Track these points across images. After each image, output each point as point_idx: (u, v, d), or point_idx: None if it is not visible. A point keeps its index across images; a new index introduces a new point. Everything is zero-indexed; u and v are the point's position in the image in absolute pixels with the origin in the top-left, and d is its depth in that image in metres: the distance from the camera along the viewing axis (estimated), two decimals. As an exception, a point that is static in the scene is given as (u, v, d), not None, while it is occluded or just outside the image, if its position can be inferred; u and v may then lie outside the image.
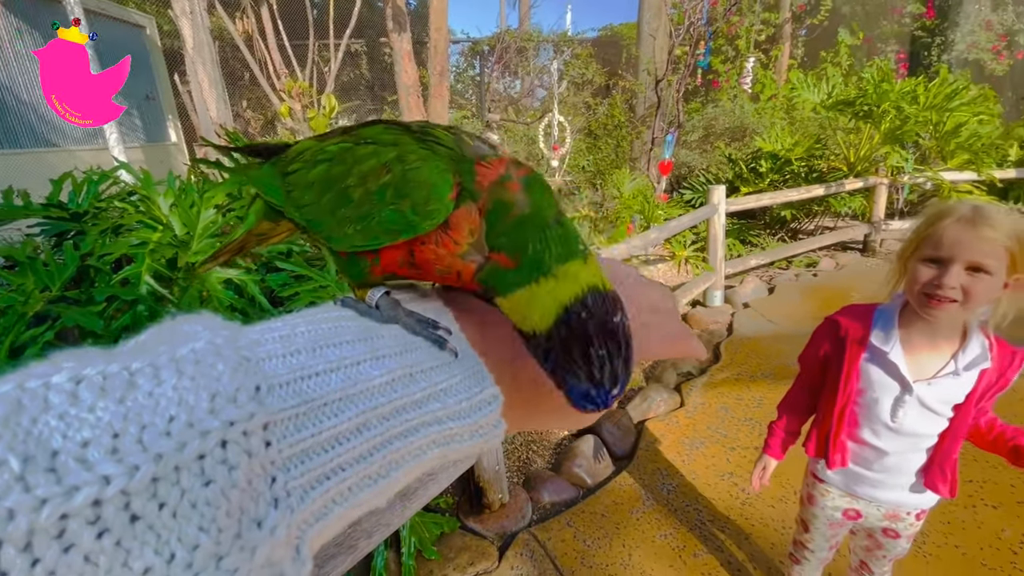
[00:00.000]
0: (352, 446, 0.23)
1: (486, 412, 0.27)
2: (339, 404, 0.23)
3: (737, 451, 2.45)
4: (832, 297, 4.49)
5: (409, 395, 0.25)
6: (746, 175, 5.78)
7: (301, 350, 0.23)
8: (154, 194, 1.90)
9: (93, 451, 0.16)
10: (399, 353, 0.26)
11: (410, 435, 0.25)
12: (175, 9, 3.34)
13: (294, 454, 0.21)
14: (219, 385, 0.19)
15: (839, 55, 8.37)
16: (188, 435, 0.17)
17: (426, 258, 0.30)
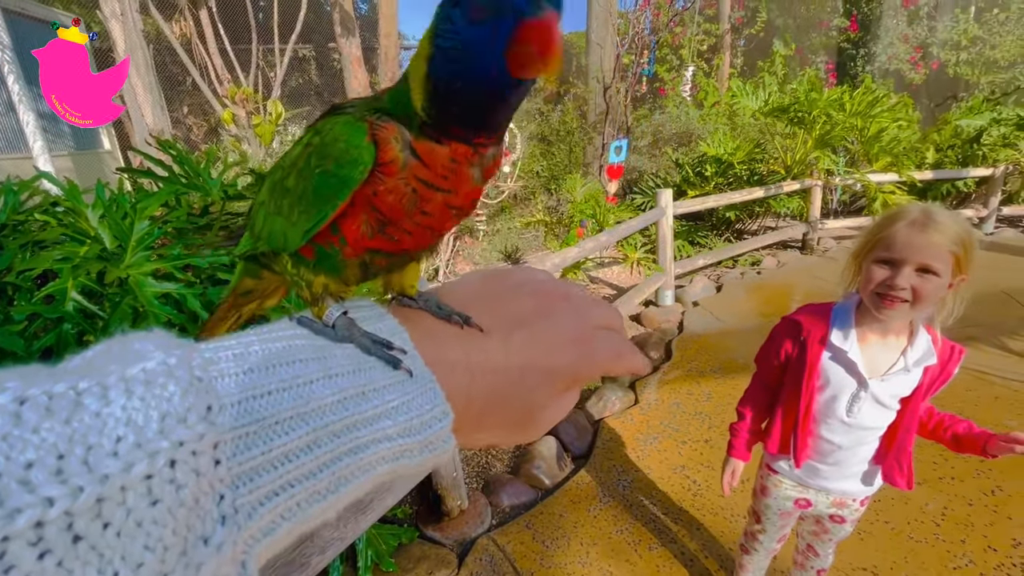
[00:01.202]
0: (301, 463, 0.23)
1: (436, 428, 0.28)
2: (290, 422, 0.23)
3: (688, 444, 2.54)
4: (775, 293, 4.73)
5: (360, 413, 0.26)
6: (692, 179, 6.01)
7: (254, 369, 0.24)
8: (81, 205, 1.80)
9: (36, 472, 0.16)
10: (352, 372, 0.27)
11: (360, 451, 0.25)
12: (104, 11, 3.17)
13: (243, 472, 0.21)
14: (169, 406, 0.19)
15: (774, 64, 8.86)
16: (135, 455, 0.18)
17: (391, 201, 0.30)
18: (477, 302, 0.33)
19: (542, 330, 0.32)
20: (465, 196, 0.32)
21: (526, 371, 0.31)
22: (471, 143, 0.30)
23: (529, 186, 6.69)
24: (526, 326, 0.32)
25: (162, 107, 3.72)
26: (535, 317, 0.32)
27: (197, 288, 1.86)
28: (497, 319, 0.32)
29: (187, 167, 2.28)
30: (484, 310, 0.33)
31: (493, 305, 0.33)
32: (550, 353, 0.31)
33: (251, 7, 4.84)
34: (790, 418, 1.30)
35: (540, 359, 0.31)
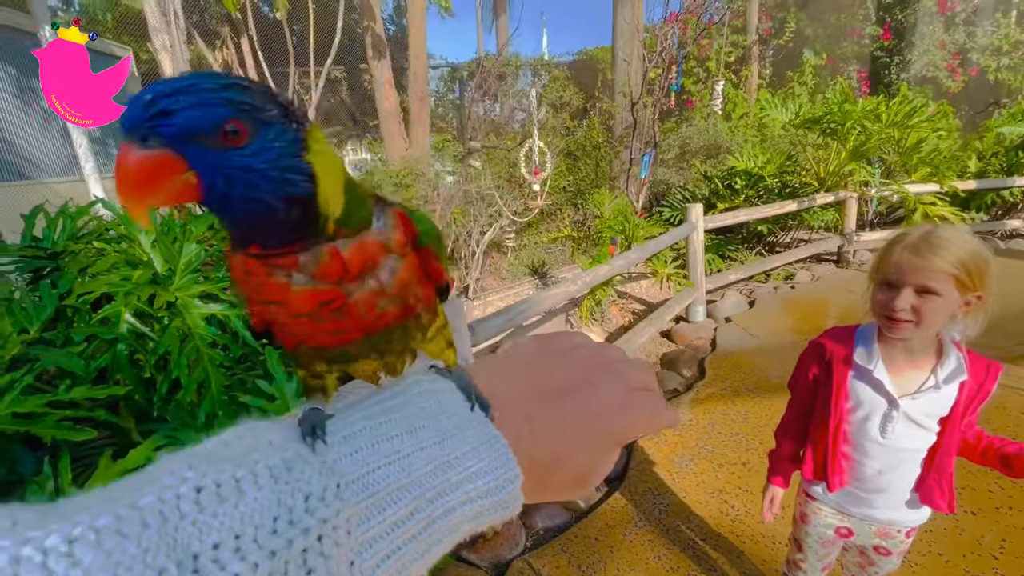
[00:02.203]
0: (406, 528, 0.27)
1: (510, 489, 0.31)
2: (396, 494, 0.27)
3: (725, 467, 2.48)
4: (810, 308, 4.60)
5: (448, 480, 0.29)
6: (722, 192, 5.93)
7: (362, 448, 0.28)
8: (135, 232, 1.89)
9: (223, 552, 0.20)
10: (437, 443, 0.30)
11: (449, 514, 0.29)
12: (155, 43, 3.36)
13: (365, 540, 0.25)
14: (309, 488, 0.24)
15: (804, 75, 8.72)
16: (292, 533, 0.22)
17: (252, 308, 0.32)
18: (533, 372, 0.36)
19: (591, 397, 0.35)
20: (304, 303, 0.29)
21: (580, 436, 0.34)
22: (251, 255, 0.29)
23: (556, 201, 6.71)
24: (577, 393, 0.35)
25: (205, 131, 3.88)
26: (584, 385, 0.35)
27: (239, 310, 1.92)
28: (551, 386, 0.35)
29: (231, 191, 2.37)
30: (538, 379, 0.36)
31: (545, 373, 0.36)
32: (600, 419, 0.34)
33: (288, 31, 5.04)
34: (821, 442, 1.28)
35: (592, 425, 0.34)
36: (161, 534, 0.20)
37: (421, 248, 0.34)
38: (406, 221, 0.34)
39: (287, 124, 0.27)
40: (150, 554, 0.19)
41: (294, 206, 0.27)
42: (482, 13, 11.47)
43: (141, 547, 0.19)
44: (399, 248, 0.33)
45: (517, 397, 0.34)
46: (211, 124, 0.25)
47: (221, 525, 0.21)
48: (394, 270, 0.32)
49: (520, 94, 7.78)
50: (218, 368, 1.71)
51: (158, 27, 3.39)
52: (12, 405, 1.42)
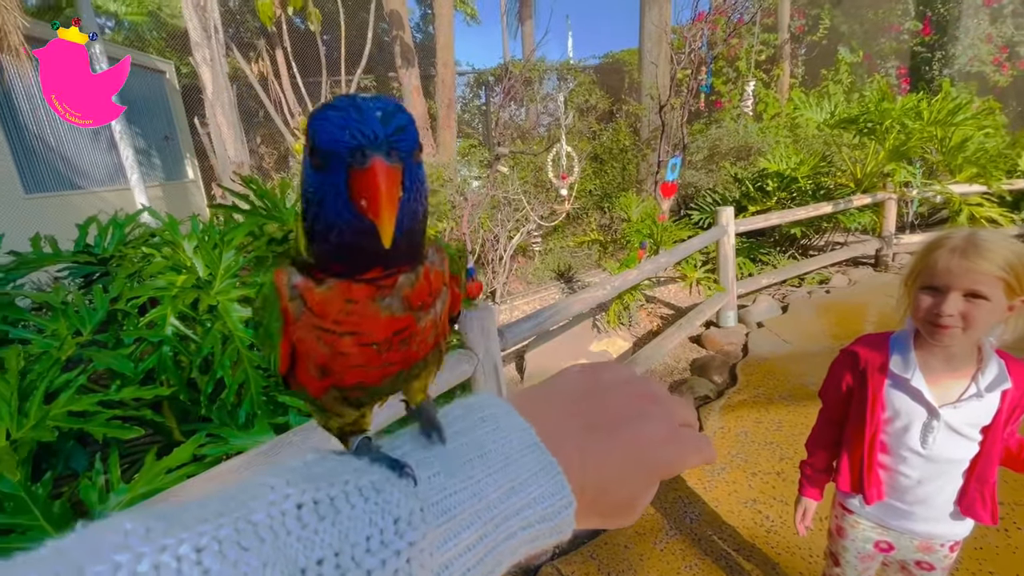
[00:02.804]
0: (476, 552, 0.28)
1: (564, 515, 0.32)
2: (469, 518, 0.28)
3: (759, 476, 2.42)
4: (847, 313, 4.46)
5: (512, 505, 0.30)
6: (753, 194, 5.81)
7: (440, 472, 0.29)
8: (179, 238, 1.97)
9: (326, 568, 0.22)
10: (503, 468, 0.31)
11: (511, 538, 0.30)
12: (196, 57, 3.50)
13: (442, 562, 0.27)
14: (398, 510, 0.25)
15: (839, 72, 8.46)
16: (385, 554, 0.23)
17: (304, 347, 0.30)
18: (582, 402, 0.37)
19: (640, 430, 0.36)
20: (384, 330, 0.29)
21: (629, 467, 0.34)
22: (363, 280, 0.28)
23: (582, 205, 6.68)
24: (626, 426, 0.36)
25: (242, 141, 4.05)
26: (633, 418, 0.36)
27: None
28: (600, 418, 0.36)
29: (266, 199, 2.45)
30: (588, 410, 0.36)
31: (595, 405, 0.37)
32: (648, 451, 0.35)
33: (320, 42, 5.19)
34: (857, 452, 1.24)
35: (640, 457, 0.35)
36: (275, 548, 0.21)
37: (454, 276, 0.35)
38: (441, 251, 0.34)
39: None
40: (268, 568, 0.21)
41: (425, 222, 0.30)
42: (507, 19, 11.55)
43: (261, 560, 0.21)
44: (446, 278, 0.34)
45: (568, 427, 0.35)
46: (417, 140, 0.27)
47: (322, 542, 0.22)
48: (444, 300, 0.33)
49: (546, 98, 7.79)
50: (256, 370, 1.77)
51: (199, 42, 3.53)
52: (68, 404, 1.49)
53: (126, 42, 8.75)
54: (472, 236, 4.80)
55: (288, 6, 4.21)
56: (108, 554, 0.19)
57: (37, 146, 5.42)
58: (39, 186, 5.43)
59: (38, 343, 1.63)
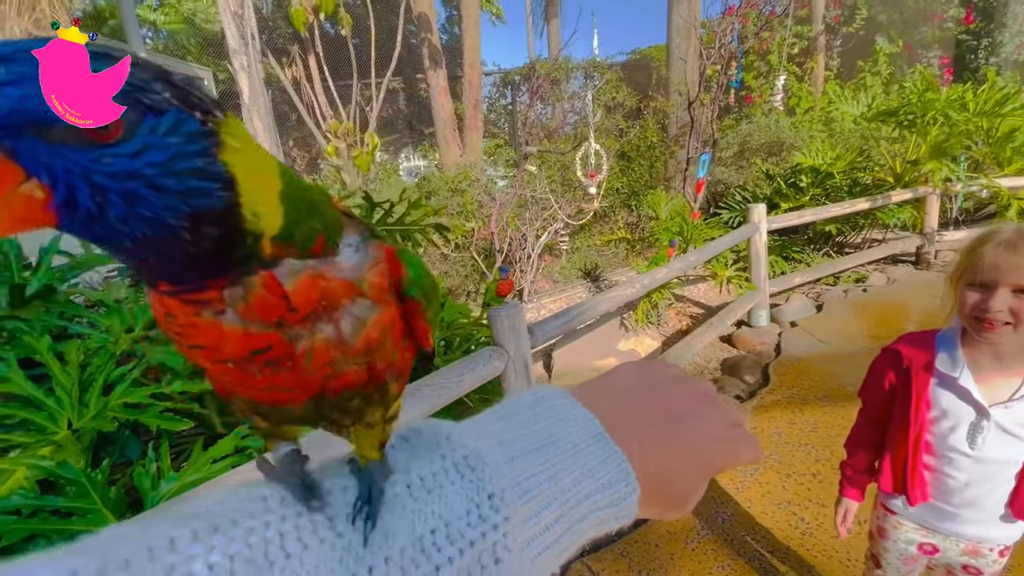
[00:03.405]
0: (553, 532, 0.30)
1: (629, 501, 0.33)
2: (546, 499, 0.30)
3: (793, 478, 2.38)
4: (885, 313, 4.32)
5: (584, 489, 0.31)
6: (785, 191, 5.67)
7: (517, 456, 0.31)
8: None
9: (439, 537, 0.24)
10: (573, 455, 0.32)
11: (583, 520, 0.31)
12: (234, 65, 3.63)
13: (527, 538, 0.28)
14: (491, 487, 0.27)
15: (877, 64, 8.17)
16: (484, 527, 0.26)
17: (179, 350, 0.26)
18: (640, 396, 0.38)
19: (698, 426, 0.37)
20: (234, 348, 0.24)
21: (686, 460, 0.36)
22: (168, 292, 0.23)
23: (609, 203, 6.64)
24: (685, 421, 0.37)
25: (277, 144, 4.18)
26: (691, 414, 0.37)
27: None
28: (658, 412, 0.37)
29: (304, 200, 2.53)
30: (646, 404, 0.37)
31: (652, 399, 0.38)
32: (705, 446, 0.36)
33: (351, 47, 5.30)
34: (901, 453, 1.21)
35: (697, 451, 0.36)
36: (401, 518, 0.24)
37: (408, 300, 0.29)
38: (393, 259, 0.28)
39: (187, 112, 0.20)
40: (390, 537, 0.24)
41: (204, 224, 0.21)
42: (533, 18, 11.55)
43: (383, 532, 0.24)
44: (375, 292, 0.27)
45: (627, 420, 0.36)
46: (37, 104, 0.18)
47: (432, 513, 0.25)
48: (362, 320, 0.26)
49: (573, 96, 7.77)
50: (296, 365, 1.83)
51: (237, 49, 3.66)
52: (123, 396, 1.58)
53: (166, 51, 9.10)
54: (500, 235, 4.83)
55: (320, 12, 4.33)
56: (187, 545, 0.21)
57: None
58: (88, 190, 5.69)
59: (95, 338, 1.73)
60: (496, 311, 1.89)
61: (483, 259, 5.11)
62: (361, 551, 0.23)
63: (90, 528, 1.36)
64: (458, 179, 5.32)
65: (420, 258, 0.31)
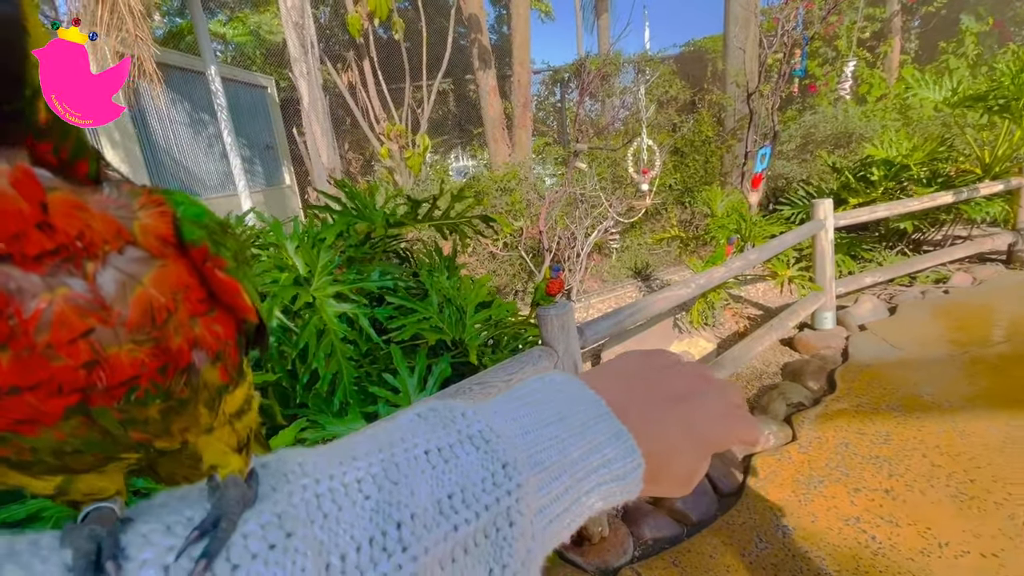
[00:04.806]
0: (562, 502, 0.32)
1: (634, 476, 0.35)
2: (556, 470, 0.31)
3: (863, 493, 2.21)
4: (970, 317, 3.95)
5: (591, 463, 0.33)
6: (854, 185, 5.30)
7: (530, 430, 0.33)
8: (282, 239, 2.15)
9: (455, 501, 0.26)
10: (581, 432, 0.34)
11: (590, 493, 0.33)
12: (294, 72, 3.80)
13: (538, 506, 0.30)
14: (505, 456, 0.29)
15: (963, 45, 7.48)
16: (499, 492, 0.28)
17: None
18: (643, 380, 0.40)
19: (699, 406, 0.39)
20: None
21: (687, 439, 0.37)
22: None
23: (661, 200, 6.46)
24: (685, 401, 0.39)
25: (334, 147, 4.36)
26: (691, 394, 0.39)
27: (366, 309, 2.10)
28: (661, 394, 0.39)
29: (357, 200, 2.61)
30: (649, 387, 0.39)
31: (655, 382, 0.40)
32: (705, 425, 0.38)
33: (404, 51, 5.44)
34: None
35: (698, 430, 0.38)
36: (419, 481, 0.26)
37: (189, 246, 0.22)
38: (159, 202, 0.22)
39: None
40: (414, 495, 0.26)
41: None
42: (583, 14, 11.41)
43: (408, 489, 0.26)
44: (153, 240, 0.20)
45: (631, 401, 0.38)
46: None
47: (450, 480, 0.27)
48: (135, 277, 0.19)
49: (624, 92, 7.62)
50: (348, 361, 1.89)
51: (297, 57, 3.83)
52: (192, 387, 1.68)
53: (233, 61, 9.67)
54: (549, 234, 4.80)
55: (375, 18, 4.46)
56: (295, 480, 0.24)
57: (165, 159, 6.15)
58: (165, 194, 6.15)
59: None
60: (545, 310, 1.87)
61: (531, 258, 5.09)
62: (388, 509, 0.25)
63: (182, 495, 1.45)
64: (507, 178, 5.33)
65: (201, 203, 0.25)
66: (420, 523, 0.25)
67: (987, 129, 5.16)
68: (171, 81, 5.79)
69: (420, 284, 2.39)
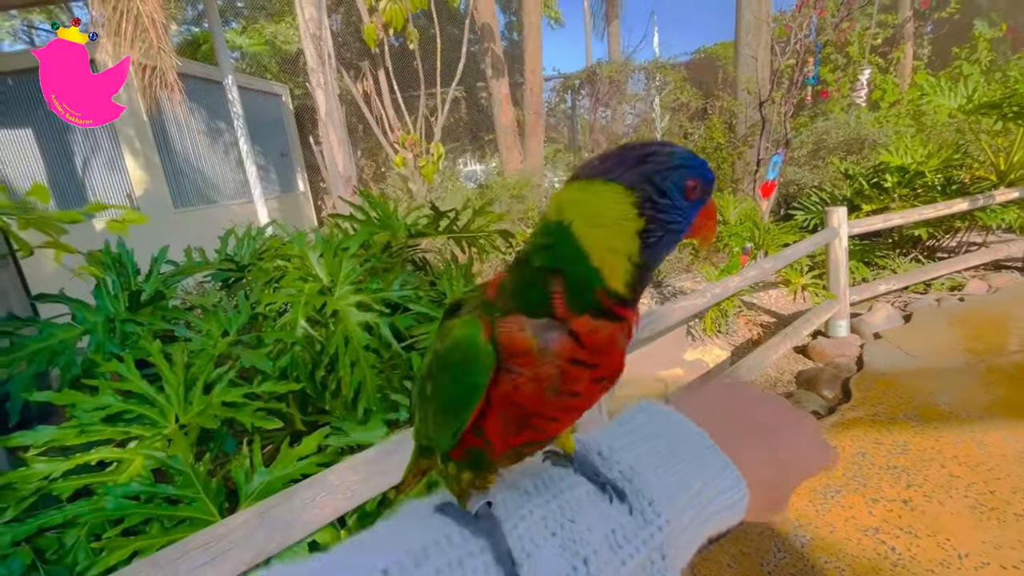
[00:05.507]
0: (687, 534, 0.35)
1: (742, 504, 0.38)
2: (683, 503, 0.34)
3: (881, 503, 2.21)
4: (986, 324, 3.92)
5: (707, 494, 0.36)
6: (868, 191, 5.29)
7: (659, 467, 0.36)
8: (305, 250, 2.20)
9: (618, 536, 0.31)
10: (695, 465, 0.37)
11: (706, 523, 0.36)
12: (311, 82, 3.87)
13: (671, 537, 0.33)
14: (650, 493, 0.33)
15: (976, 51, 7.43)
16: (651, 528, 0.32)
17: (531, 391, 0.29)
18: (733, 411, 0.43)
19: (787, 438, 0.42)
20: (611, 366, 0.30)
21: (781, 469, 0.40)
22: (623, 317, 0.29)
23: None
24: (775, 434, 0.41)
25: (350, 156, 4.43)
26: (778, 427, 0.42)
27: (387, 318, 2.14)
28: (749, 425, 0.42)
29: (379, 210, 2.65)
30: (741, 417, 0.42)
31: (741, 414, 0.43)
32: (795, 456, 0.41)
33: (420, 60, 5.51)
34: None
35: (790, 459, 0.41)
36: (592, 518, 0.30)
37: None
38: None
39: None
40: (592, 532, 0.30)
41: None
42: (593, 20, 11.46)
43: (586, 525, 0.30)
44: None
45: (728, 434, 0.40)
46: None
47: (609, 517, 0.31)
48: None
49: (635, 98, 7.63)
50: (372, 369, 1.92)
51: (315, 68, 3.90)
52: (221, 395, 1.72)
53: (248, 70, 9.83)
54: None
55: (390, 28, 4.54)
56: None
57: (183, 167, 6.26)
58: (184, 202, 6.26)
59: (197, 341, 1.90)
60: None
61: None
62: (573, 547, 0.29)
63: (195, 515, 1.49)
64: (519, 186, 5.37)
65: None
66: (601, 559, 0.29)
67: (1002, 135, 5.13)
68: (189, 90, 5.90)
69: (438, 292, 2.43)
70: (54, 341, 1.85)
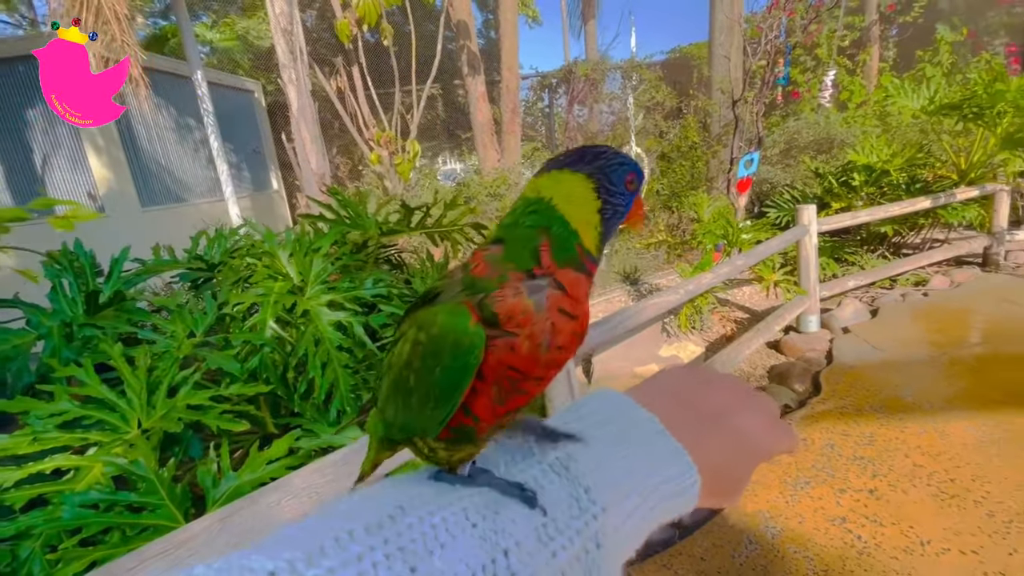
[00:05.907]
0: (632, 521, 0.34)
1: (692, 491, 0.37)
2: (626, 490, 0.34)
3: (848, 493, 2.27)
4: (950, 319, 4.06)
5: (654, 481, 0.35)
6: (837, 190, 5.43)
7: (599, 451, 0.35)
8: (275, 249, 2.15)
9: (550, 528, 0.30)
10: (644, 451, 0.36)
11: (655, 510, 0.35)
12: (283, 78, 3.79)
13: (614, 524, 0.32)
14: (586, 479, 0.32)
15: (938, 54, 7.69)
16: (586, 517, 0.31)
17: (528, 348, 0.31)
18: (687, 395, 0.42)
19: (743, 421, 0.40)
20: (584, 316, 0.34)
21: (735, 453, 0.39)
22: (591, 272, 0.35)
23: (649, 205, 6.53)
24: (731, 417, 0.40)
25: (323, 154, 4.36)
26: (735, 410, 0.41)
27: (360, 317, 2.11)
28: (708, 411, 0.40)
29: (349, 208, 2.61)
30: (697, 404, 0.41)
31: (696, 397, 0.42)
32: (752, 439, 0.40)
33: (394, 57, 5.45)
34: None
35: (745, 444, 0.39)
36: (516, 510, 0.29)
37: None
38: None
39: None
40: (516, 523, 0.28)
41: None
42: (570, 19, 11.50)
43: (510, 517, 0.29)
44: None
45: (681, 418, 0.39)
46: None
47: (542, 509, 0.30)
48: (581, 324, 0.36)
49: (611, 97, 7.69)
50: (345, 369, 1.89)
51: (286, 63, 3.82)
52: (186, 397, 1.67)
53: (219, 65, 9.59)
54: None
55: (363, 23, 4.47)
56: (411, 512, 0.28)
57: (151, 165, 6.08)
58: (152, 200, 6.07)
59: (161, 343, 1.84)
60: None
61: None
62: (494, 538, 0.28)
63: (159, 522, 1.44)
64: (496, 184, 5.35)
65: None
66: (524, 551, 0.28)
67: (963, 136, 5.31)
68: (156, 85, 5.73)
69: (413, 291, 2.40)
70: (7, 347, 1.77)
